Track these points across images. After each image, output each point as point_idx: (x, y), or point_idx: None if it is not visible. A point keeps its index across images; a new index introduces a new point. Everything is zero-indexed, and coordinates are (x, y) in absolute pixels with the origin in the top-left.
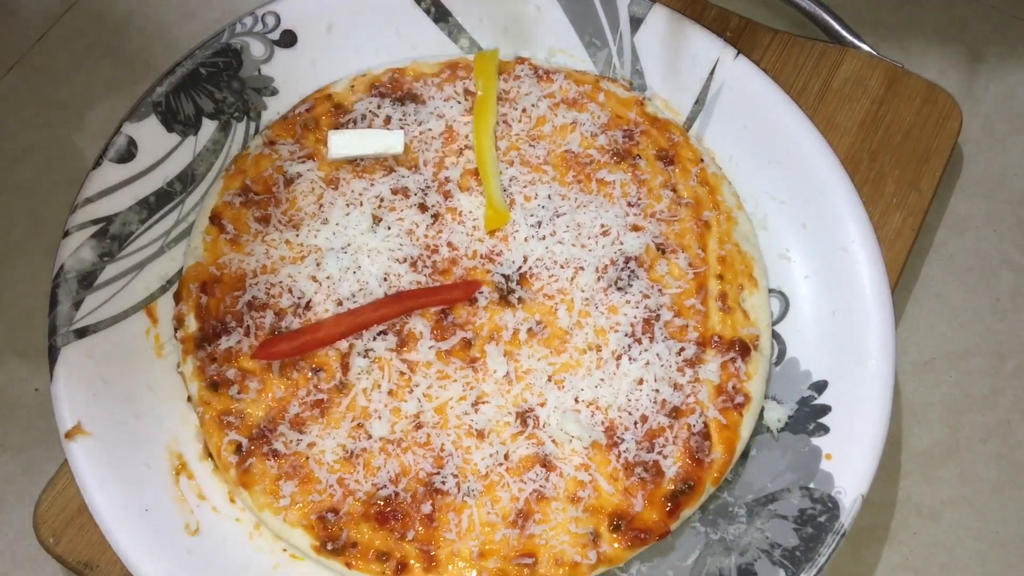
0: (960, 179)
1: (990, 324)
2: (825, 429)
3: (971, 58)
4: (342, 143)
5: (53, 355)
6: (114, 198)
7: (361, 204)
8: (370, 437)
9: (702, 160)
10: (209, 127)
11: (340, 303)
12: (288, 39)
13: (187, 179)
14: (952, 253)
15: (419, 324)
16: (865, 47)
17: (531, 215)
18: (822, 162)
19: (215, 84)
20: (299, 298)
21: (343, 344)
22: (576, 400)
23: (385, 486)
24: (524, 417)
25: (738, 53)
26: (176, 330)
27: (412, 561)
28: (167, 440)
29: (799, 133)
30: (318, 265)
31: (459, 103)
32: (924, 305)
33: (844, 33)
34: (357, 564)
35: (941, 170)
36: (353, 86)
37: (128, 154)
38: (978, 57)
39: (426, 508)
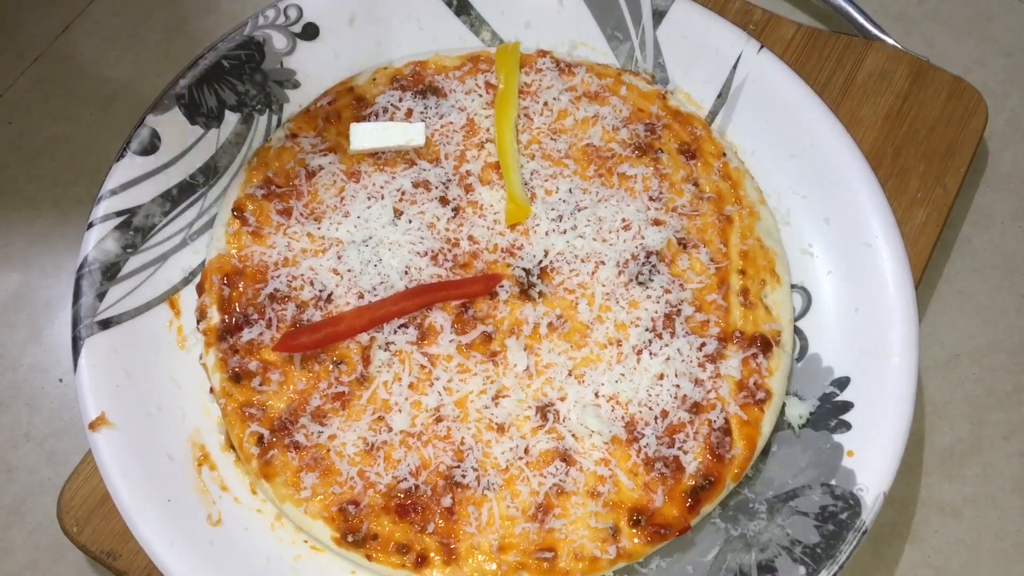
0: (985, 175)
1: (1014, 320)
2: (847, 426)
3: (997, 53)
4: (364, 135)
5: (77, 346)
6: (137, 190)
7: (382, 197)
8: (391, 430)
9: (724, 154)
10: (232, 120)
11: (361, 296)
12: (310, 32)
13: (210, 171)
14: (976, 249)
15: (440, 317)
16: (890, 41)
17: (552, 209)
18: (846, 157)
19: (238, 77)
20: (320, 291)
21: (364, 337)
22: (596, 395)
23: (405, 479)
24: (544, 411)
25: (761, 46)
26: (199, 322)
27: (432, 554)
28: (190, 431)
29: (822, 127)
30: (339, 258)
31: (480, 96)
32: (947, 301)
33: (869, 26)
34: (377, 556)
35: (966, 166)
36: (375, 79)
37: (151, 146)
38: (1005, 52)
39: (446, 501)
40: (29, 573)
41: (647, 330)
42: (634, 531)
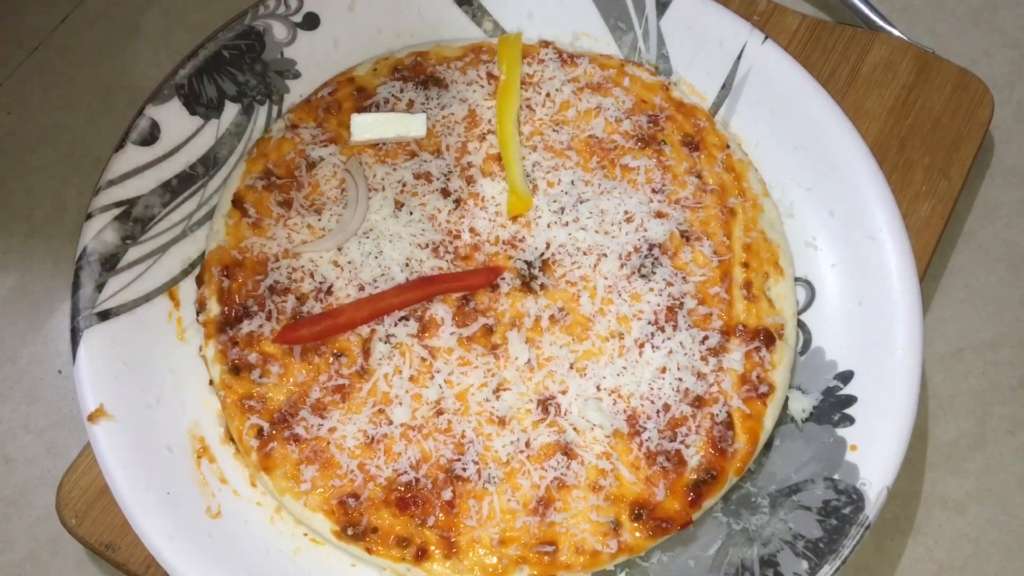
0: (990, 167)
1: (1019, 314)
2: (850, 420)
3: (1003, 44)
4: (365, 126)
5: (76, 337)
6: (137, 181)
7: (383, 189)
8: (391, 423)
9: (728, 146)
10: (232, 110)
11: (362, 288)
12: (311, 21)
13: (209, 162)
14: (981, 242)
15: (441, 310)
16: (895, 32)
17: (554, 201)
18: (850, 149)
19: (238, 67)
20: (321, 283)
21: (364, 329)
22: (598, 388)
23: (406, 472)
24: (545, 404)
25: (766, 37)
26: (198, 314)
27: (432, 547)
28: (189, 423)
29: (827, 119)
30: (340, 250)
31: (482, 87)
32: (952, 295)
33: (874, 18)
34: (377, 549)
35: (971, 158)
36: (376, 69)
37: (151, 137)
38: (1011, 43)
39: (447, 495)
40: (28, 565)
41: (649, 323)
42: (635, 525)
